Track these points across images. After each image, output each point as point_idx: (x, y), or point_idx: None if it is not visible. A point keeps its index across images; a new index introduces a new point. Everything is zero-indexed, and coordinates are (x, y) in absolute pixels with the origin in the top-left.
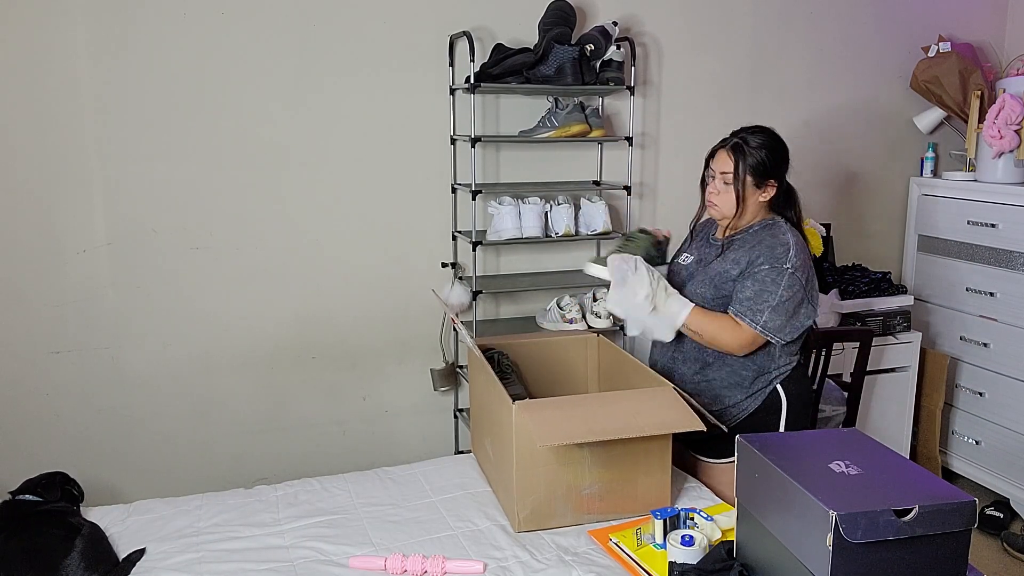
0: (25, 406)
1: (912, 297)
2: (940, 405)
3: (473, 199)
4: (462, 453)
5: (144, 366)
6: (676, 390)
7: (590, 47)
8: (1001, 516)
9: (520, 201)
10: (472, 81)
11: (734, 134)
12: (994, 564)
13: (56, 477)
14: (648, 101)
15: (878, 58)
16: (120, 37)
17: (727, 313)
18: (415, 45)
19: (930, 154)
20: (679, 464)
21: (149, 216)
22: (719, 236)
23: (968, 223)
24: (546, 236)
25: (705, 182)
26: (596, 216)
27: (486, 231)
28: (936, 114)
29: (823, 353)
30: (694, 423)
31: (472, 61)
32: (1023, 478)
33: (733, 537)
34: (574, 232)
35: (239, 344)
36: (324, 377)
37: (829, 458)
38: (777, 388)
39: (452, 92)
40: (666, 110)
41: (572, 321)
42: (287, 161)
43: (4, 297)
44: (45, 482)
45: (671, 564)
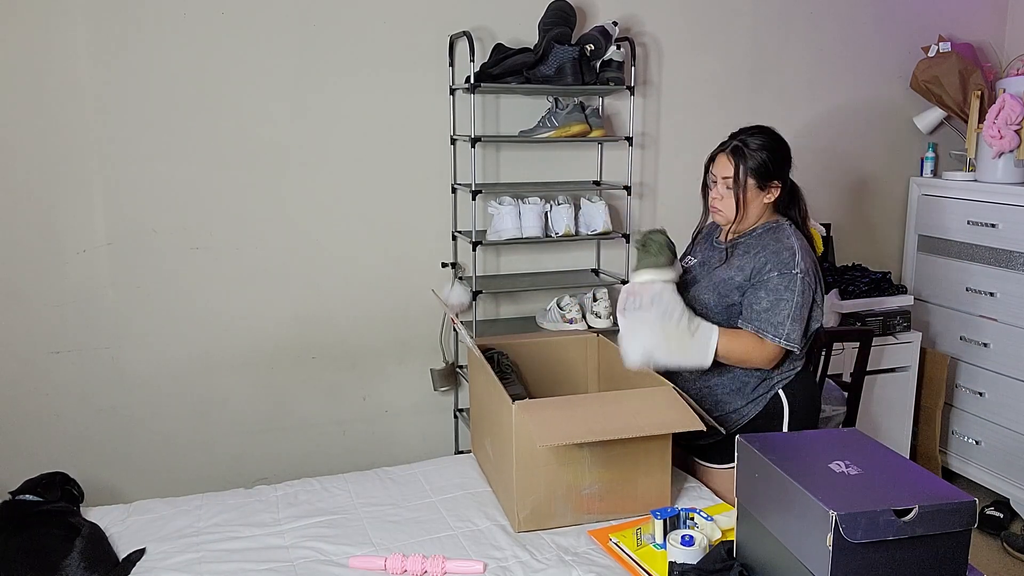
0: (25, 406)
1: (912, 297)
2: (940, 405)
3: (473, 199)
4: (462, 453)
5: (144, 366)
6: (676, 390)
7: (590, 47)
8: (1001, 516)
9: (520, 201)
10: (472, 81)
11: (733, 136)
12: (994, 564)
13: (56, 477)
14: (648, 101)
15: (878, 58)
16: (120, 37)
17: (742, 329)
18: (415, 45)
19: (930, 154)
20: (680, 469)
21: (149, 216)
22: (723, 239)
23: (968, 223)
24: (546, 236)
25: (707, 188)
26: (596, 216)
27: (486, 231)
28: (936, 114)
29: (823, 353)
30: (694, 423)
31: (472, 61)
32: (1023, 478)
33: (733, 537)
34: (574, 232)
35: (239, 344)
36: (324, 377)
37: (829, 458)
38: (779, 394)
39: (452, 92)
40: (666, 110)
41: (572, 321)
42: (287, 161)
43: (4, 297)
44: (45, 482)
45: (671, 564)
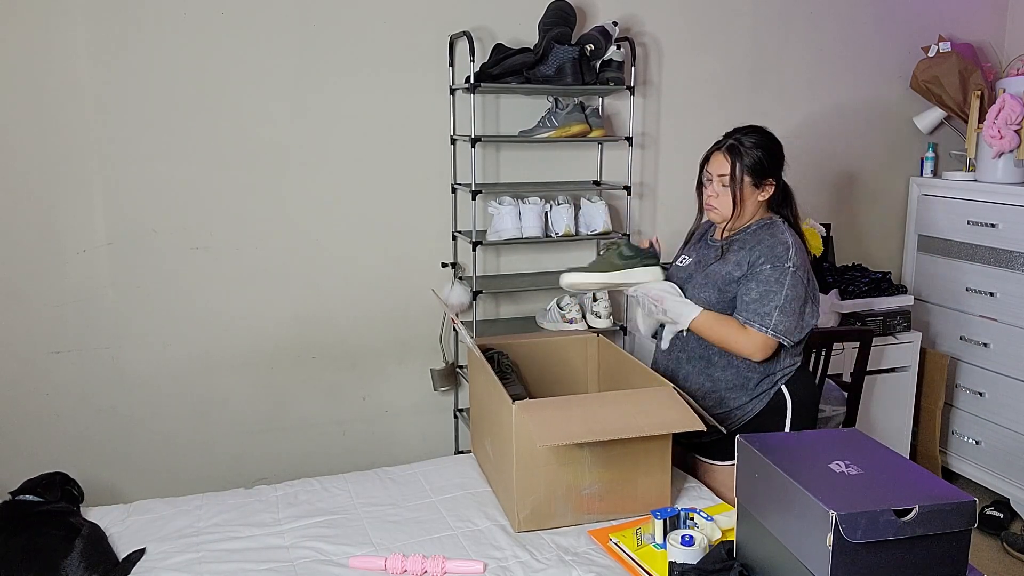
0: (25, 406)
1: (912, 297)
2: (940, 405)
3: (473, 199)
4: (462, 453)
5: (144, 366)
6: (676, 390)
7: (590, 47)
8: (1001, 516)
9: (520, 201)
10: (472, 81)
11: (728, 135)
12: (994, 564)
13: (56, 477)
14: (648, 101)
15: (878, 58)
16: (120, 37)
17: (731, 317)
18: (415, 45)
19: (930, 154)
20: (681, 466)
21: (149, 216)
22: (717, 237)
23: (968, 223)
24: (546, 236)
25: (702, 186)
26: (596, 216)
27: (486, 231)
28: (936, 114)
29: (823, 353)
30: (694, 423)
31: (472, 61)
32: (1023, 478)
33: (733, 537)
34: (574, 232)
35: (239, 344)
36: (324, 377)
37: (829, 458)
38: (782, 389)
39: (452, 92)
40: (666, 110)
41: (572, 321)
42: (287, 161)
43: (4, 297)
44: (45, 482)
45: (671, 564)
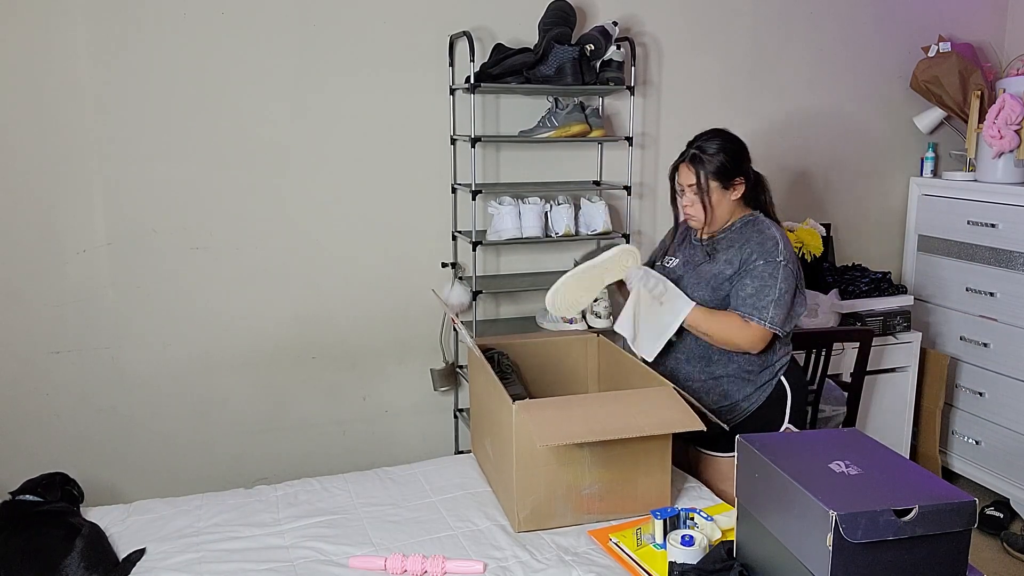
0: (25, 406)
1: (912, 297)
2: (940, 405)
3: (473, 199)
4: (462, 453)
5: (144, 366)
6: (676, 390)
7: (590, 47)
8: (1001, 516)
9: (520, 201)
10: (472, 81)
11: (690, 145)
12: (994, 564)
13: (56, 477)
14: (648, 101)
15: (878, 58)
16: (120, 37)
17: (730, 312)
18: (415, 45)
19: (930, 154)
20: (682, 459)
21: (149, 216)
22: (703, 237)
23: (968, 223)
24: (546, 236)
25: (675, 197)
26: (596, 216)
27: (486, 231)
28: (936, 114)
29: (823, 353)
30: (694, 423)
31: (472, 61)
32: (1023, 478)
33: (733, 537)
34: (574, 232)
35: (239, 344)
36: (324, 377)
37: (829, 458)
38: (782, 380)
39: (452, 92)
40: (666, 110)
41: (572, 321)
42: (287, 161)
43: (4, 297)
44: (45, 482)
45: (671, 564)
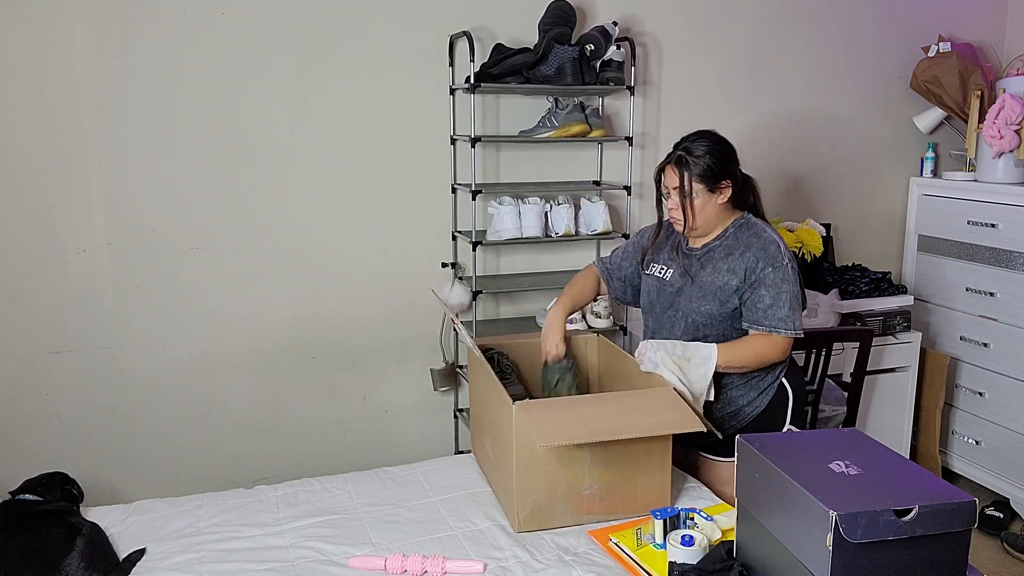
0: (25, 406)
1: (912, 297)
2: (940, 405)
3: (473, 199)
4: (462, 453)
5: (144, 366)
6: (676, 390)
7: (590, 47)
8: (1001, 516)
9: (520, 201)
10: (472, 81)
11: (676, 147)
12: (994, 564)
13: (56, 477)
14: (648, 101)
15: (878, 58)
16: (120, 37)
17: (748, 332)
18: (415, 45)
19: (930, 154)
20: (683, 463)
21: (149, 216)
22: (695, 245)
23: (968, 223)
24: (546, 236)
25: (661, 201)
26: (596, 216)
27: (486, 231)
28: (936, 114)
29: (823, 353)
30: (694, 423)
31: (472, 61)
32: (1023, 478)
33: (733, 537)
34: (574, 232)
35: (239, 344)
36: (324, 377)
37: (829, 458)
38: (783, 382)
39: (452, 92)
40: (666, 110)
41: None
42: (287, 161)
43: (4, 297)
44: (45, 482)
45: (671, 564)
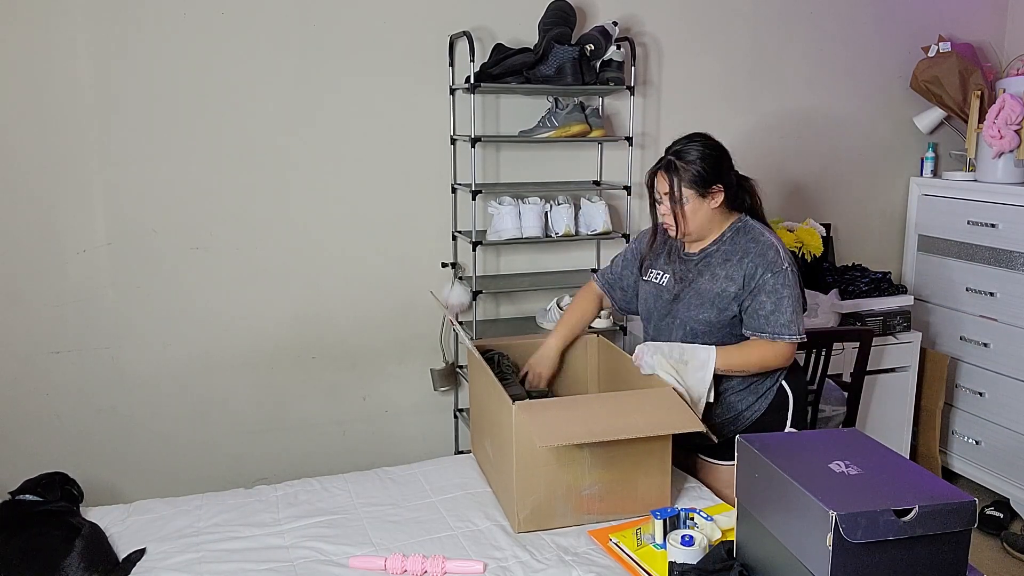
0: (25, 406)
1: (912, 297)
2: (940, 405)
3: (473, 199)
4: (462, 453)
5: (144, 366)
6: (676, 390)
7: (590, 47)
8: (1001, 516)
9: (520, 201)
10: (472, 81)
11: (667, 151)
12: (994, 564)
13: (56, 477)
14: (648, 101)
15: (878, 58)
16: (120, 38)
17: (749, 338)
18: (415, 45)
19: (930, 154)
20: (683, 466)
21: (149, 216)
22: (692, 250)
23: (968, 223)
24: (546, 236)
25: (654, 206)
26: (596, 216)
27: (486, 231)
28: (936, 114)
29: (823, 353)
30: (694, 424)
31: (472, 61)
32: (1023, 478)
33: (733, 537)
34: (574, 232)
35: (239, 344)
36: (324, 377)
37: (829, 458)
38: (783, 385)
39: (452, 92)
40: (666, 110)
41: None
42: (287, 161)
43: (4, 297)
44: (45, 482)
45: (671, 564)
